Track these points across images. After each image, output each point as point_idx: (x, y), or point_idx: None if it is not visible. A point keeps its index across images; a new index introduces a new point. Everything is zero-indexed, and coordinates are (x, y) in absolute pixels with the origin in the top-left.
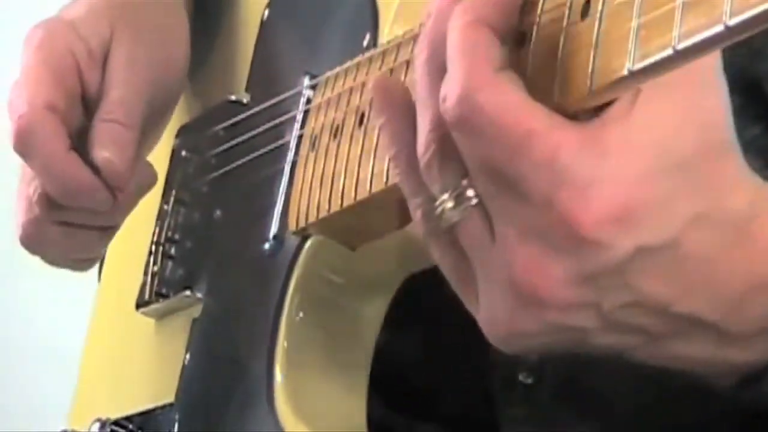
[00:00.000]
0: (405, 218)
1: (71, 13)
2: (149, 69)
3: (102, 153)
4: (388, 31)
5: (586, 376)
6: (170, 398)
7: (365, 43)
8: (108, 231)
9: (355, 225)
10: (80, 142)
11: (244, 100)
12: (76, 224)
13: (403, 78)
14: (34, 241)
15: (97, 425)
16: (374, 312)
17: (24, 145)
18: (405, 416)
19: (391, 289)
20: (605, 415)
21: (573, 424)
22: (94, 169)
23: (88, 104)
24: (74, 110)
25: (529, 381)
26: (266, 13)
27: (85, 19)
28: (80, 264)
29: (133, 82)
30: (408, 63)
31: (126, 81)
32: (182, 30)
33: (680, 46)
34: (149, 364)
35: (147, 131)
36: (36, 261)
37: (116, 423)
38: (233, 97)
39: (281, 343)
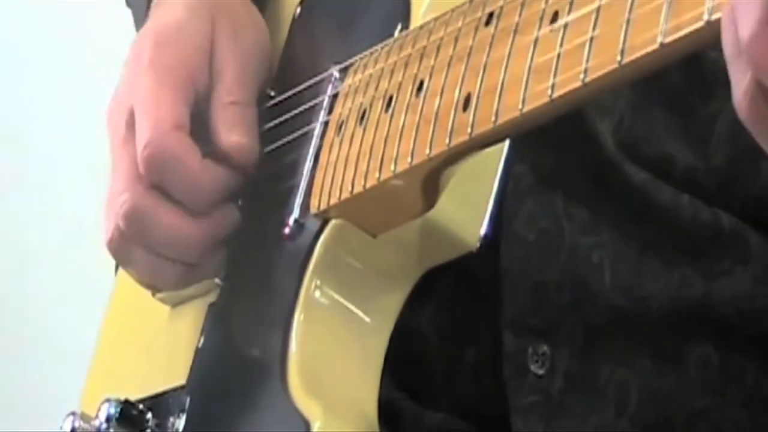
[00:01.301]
0: (427, 203)
1: (171, 16)
2: (252, 54)
3: (231, 137)
4: (420, 23)
5: (598, 366)
6: (181, 381)
7: (396, 33)
8: (192, 269)
9: (376, 208)
10: (198, 129)
11: (271, 93)
12: (155, 252)
13: (432, 61)
14: (119, 256)
15: (106, 405)
16: (391, 303)
17: (158, 172)
18: (414, 402)
19: (408, 283)
20: (618, 404)
21: (585, 414)
22: (221, 153)
23: (199, 98)
24: (193, 115)
25: (541, 372)
26: (298, 10)
27: (187, 18)
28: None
29: (243, 64)
30: (439, 48)
31: (236, 63)
32: (262, 19)
33: None
34: (162, 350)
35: None
36: (50, 255)
37: (125, 403)
38: (264, 89)
39: (298, 316)
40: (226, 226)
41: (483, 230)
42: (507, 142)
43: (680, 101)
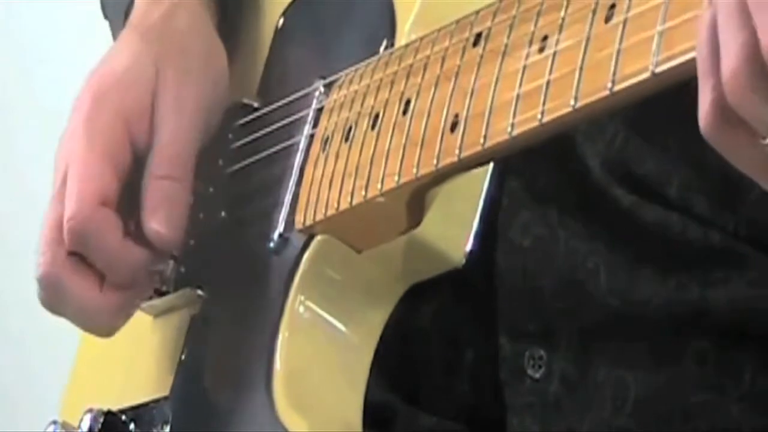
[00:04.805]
0: (413, 221)
1: (115, 63)
2: (198, 101)
3: (151, 223)
4: (406, 38)
5: (595, 368)
6: (164, 393)
7: (382, 49)
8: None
9: (362, 225)
10: (132, 193)
11: (255, 104)
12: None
13: (419, 80)
14: (47, 308)
15: (89, 416)
16: (376, 319)
17: (79, 245)
18: (409, 405)
19: (393, 298)
20: (616, 402)
21: (581, 413)
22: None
23: (137, 153)
24: (124, 179)
25: (537, 376)
26: (281, 21)
27: (130, 67)
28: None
29: (183, 127)
30: (426, 66)
31: (175, 128)
32: (220, 46)
33: None
34: (144, 360)
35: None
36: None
37: (108, 414)
38: (243, 101)
39: (283, 332)
40: (143, 298)
41: (468, 246)
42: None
43: (677, 123)
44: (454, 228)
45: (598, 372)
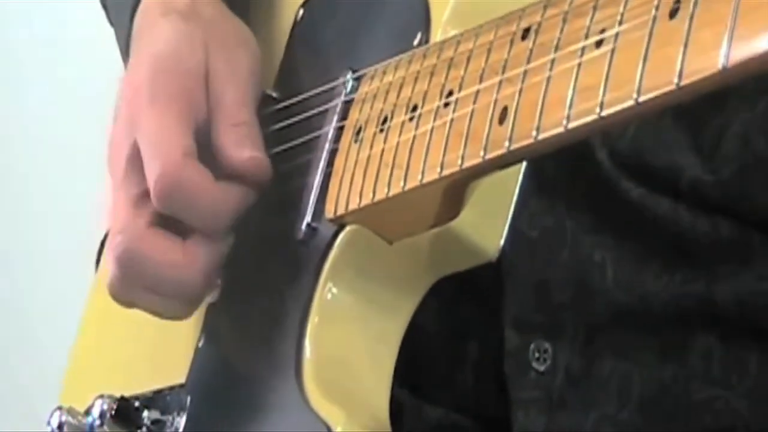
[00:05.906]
0: (450, 214)
1: (163, 43)
2: (247, 76)
3: (244, 154)
4: (442, 31)
5: (600, 361)
6: (179, 380)
7: (416, 42)
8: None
9: (396, 216)
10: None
11: (274, 95)
12: (156, 292)
13: (462, 72)
14: (119, 299)
15: (100, 401)
16: (403, 309)
17: (174, 201)
18: (415, 396)
19: (421, 290)
20: (621, 397)
21: (586, 408)
22: (234, 173)
23: (198, 126)
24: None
25: (542, 369)
26: (300, 12)
27: (181, 47)
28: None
29: (241, 88)
30: (469, 59)
31: (235, 88)
32: (251, 35)
33: None
34: (155, 346)
35: None
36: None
37: (121, 399)
38: (265, 91)
39: (312, 319)
40: (226, 254)
41: (503, 241)
42: None
43: (691, 111)
44: (489, 222)
45: (604, 366)
